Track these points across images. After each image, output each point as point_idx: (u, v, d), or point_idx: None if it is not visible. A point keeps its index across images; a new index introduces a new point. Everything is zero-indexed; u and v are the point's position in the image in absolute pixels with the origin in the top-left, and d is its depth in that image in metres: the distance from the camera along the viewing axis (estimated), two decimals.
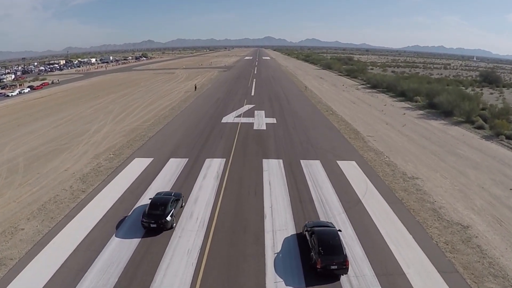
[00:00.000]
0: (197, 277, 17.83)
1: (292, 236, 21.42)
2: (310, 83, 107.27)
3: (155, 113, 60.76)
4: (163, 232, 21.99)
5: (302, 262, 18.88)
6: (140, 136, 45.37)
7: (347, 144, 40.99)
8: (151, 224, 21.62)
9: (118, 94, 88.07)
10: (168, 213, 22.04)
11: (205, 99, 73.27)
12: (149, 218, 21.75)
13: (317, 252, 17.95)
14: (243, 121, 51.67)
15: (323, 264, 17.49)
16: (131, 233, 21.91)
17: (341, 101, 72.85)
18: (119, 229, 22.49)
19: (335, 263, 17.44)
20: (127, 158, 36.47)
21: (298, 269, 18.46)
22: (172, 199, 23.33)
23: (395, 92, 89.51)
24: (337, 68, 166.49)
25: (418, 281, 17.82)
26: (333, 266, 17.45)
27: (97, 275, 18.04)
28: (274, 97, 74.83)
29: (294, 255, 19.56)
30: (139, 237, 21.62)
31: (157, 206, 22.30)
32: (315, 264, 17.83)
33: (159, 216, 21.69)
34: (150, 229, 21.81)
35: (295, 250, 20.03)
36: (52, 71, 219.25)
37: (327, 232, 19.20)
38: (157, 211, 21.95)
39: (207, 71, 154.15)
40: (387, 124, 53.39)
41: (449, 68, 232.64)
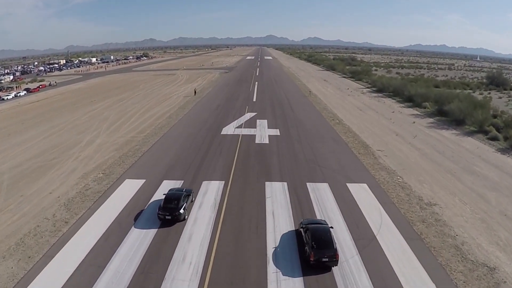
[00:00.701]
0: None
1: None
2: (313, 86, 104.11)
3: (151, 121, 57.79)
4: (176, 223, 24.81)
5: (300, 256, 21.14)
6: (134, 150, 42.41)
7: (357, 162, 37.91)
8: (166, 216, 24.53)
9: (115, 99, 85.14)
10: (181, 207, 24.90)
11: (205, 106, 70.21)
12: (164, 211, 24.61)
13: (310, 246, 20.15)
14: (244, 133, 48.58)
15: (316, 257, 19.66)
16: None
17: (347, 108, 69.74)
18: (137, 221, 25.36)
19: (327, 256, 19.66)
20: (117, 179, 33.50)
21: (296, 261, 20.81)
22: (184, 194, 26.27)
23: (402, 97, 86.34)
24: (340, 70, 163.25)
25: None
26: (325, 259, 19.66)
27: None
28: (277, 103, 71.73)
29: (293, 250, 21.97)
30: (156, 228, 24.42)
31: (171, 200, 25.10)
32: (309, 257, 19.96)
33: (173, 209, 24.57)
34: (165, 220, 24.68)
35: (294, 245, 22.35)
36: (52, 71, 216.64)
37: (319, 229, 21.38)
38: (171, 204, 24.79)
39: (208, 73, 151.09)
40: (397, 135, 50.32)
41: (454, 69, 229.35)
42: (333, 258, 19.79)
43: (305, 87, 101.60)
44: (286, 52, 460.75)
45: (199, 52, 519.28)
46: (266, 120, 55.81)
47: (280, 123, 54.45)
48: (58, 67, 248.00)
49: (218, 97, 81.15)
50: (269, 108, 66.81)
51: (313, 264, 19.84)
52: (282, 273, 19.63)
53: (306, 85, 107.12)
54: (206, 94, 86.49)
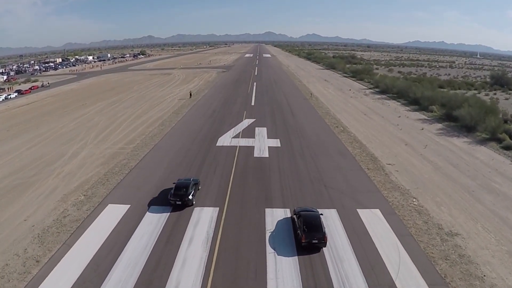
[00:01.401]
0: None
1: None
2: (314, 87, 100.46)
3: (142, 129, 54.14)
4: (186, 208, 28.07)
5: (295, 239, 23.76)
6: (121, 165, 38.79)
7: (366, 180, 34.34)
8: (177, 202, 27.77)
9: (107, 102, 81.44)
10: (189, 193, 28.14)
11: (200, 111, 66.47)
12: (175, 197, 27.87)
13: (302, 230, 22.69)
14: (242, 144, 44.88)
15: (307, 239, 22.31)
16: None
17: (350, 112, 66.16)
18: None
19: (316, 238, 22.32)
20: (99, 204, 29.91)
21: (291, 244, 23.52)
22: (192, 183, 29.39)
23: (407, 99, 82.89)
24: (341, 68, 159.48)
25: None
26: (315, 241, 22.34)
27: None
28: (276, 108, 68.02)
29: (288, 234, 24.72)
30: (168, 211, 27.69)
31: (181, 188, 28.34)
32: (301, 239, 22.55)
33: (183, 196, 27.82)
34: (176, 205, 27.86)
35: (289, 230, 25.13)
36: (47, 70, 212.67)
37: (310, 215, 23.95)
38: (181, 192, 28.01)
39: (205, 72, 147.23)
40: (406, 144, 46.84)
41: (455, 67, 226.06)
42: (322, 240, 22.63)
43: (306, 88, 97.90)
44: (285, 50, 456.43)
45: (197, 49, 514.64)
46: (265, 128, 52.12)
47: (280, 132, 50.80)
48: (54, 66, 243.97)
49: (214, 100, 77.37)
50: (269, 113, 63.15)
51: (305, 246, 22.57)
52: (277, 253, 22.54)
53: (306, 85, 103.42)
54: (202, 96, 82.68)
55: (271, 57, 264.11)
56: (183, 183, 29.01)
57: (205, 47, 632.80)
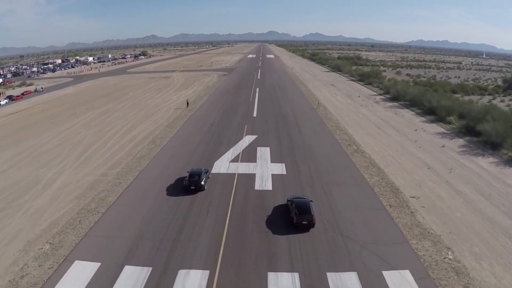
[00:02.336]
0: None
1: None
2: (321, 93, 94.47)
3: (130, 148, 48.46)
4: (198, 192, 33.14)
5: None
6: (98, 200, 33.11)
7: (390, 224, 28.42)
8: (191, 187, 32.96)
9: (99, 111, 75.93)
10: (201, 180, 33.22)
11: (196, 124, 60.59)
12: (190, 183, 33.08)
13: (294, 213, 27.17)
14: (241, 170, 38.84)
15: (298, 220, 26.76)
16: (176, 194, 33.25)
17: (362, 125, 60.23)
18: (169, 193, 33.30)
19: (306, 220, 26.70)
20: (65, 258, 24.24)
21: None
22: (203, 171, 34.56)
23: (421, 107, 77.01)
24: (347, 71, 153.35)
25: None
26: (304, 222, 26.71)
27: None
28: (281, 121, 62.00)
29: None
30: (183, 195, 32.62)
31: (194, 175, 33.52)
32: (292, 220, 26.99)
33: (196, 181, 33.04)
34: (190, 190, 32.99)
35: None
36: (45, 72, 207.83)
37: (301, 201, 28.45)
38: (195, 178, 33.19)
39: (205, 75, 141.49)
40: (428, 168, 41.01)
41: (463, 68, 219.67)
42: (310, 222, 26.48)
43: (312, 94, 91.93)
44: (288, 49, 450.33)
45: (199, 49, 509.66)
46: (268, 148, 46.12)
47: (286, 153, 44.83)
48: (53, 67, 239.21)
49: (213, 110, 71.48)
50: (272, 127, 57.23)
51: (296, 226, 26.48)
52: (272, 232, 26.55)
53: (312, 91, 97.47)
54: (200, 106, 76.78)
55: (274, 58, 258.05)
56: (196, 172, 34.36)
57: (208, 47, 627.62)
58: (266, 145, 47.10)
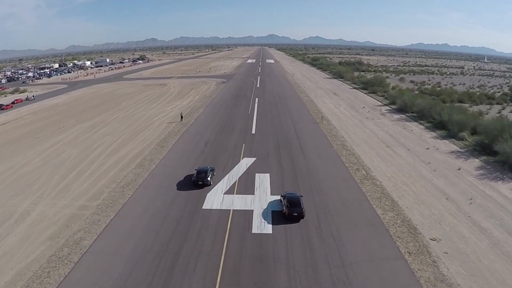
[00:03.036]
0: None
1: None
2: (324, 104, 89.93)
3: (115, 173, 43.83)
4: (205, 187, 38.05)
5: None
6: (72, 243, 28.50)
7: (411, 280, 23.79)
8: (199, 182, 37.84)
9: (88, 125, 71.38)
10: (207, 176, 38.31)
11: (189, 143, 55.60)
12: (197, 179, 38.01)
13: (286, 206, 31.22)
14: (236, 205, 33.79)
15: (288, 212, 30.71)
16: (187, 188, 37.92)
17: (370, 143, 55.68)
18: (180, 186, 38.49)
19: (296, 212, 30.62)
20: None
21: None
22: (209, 169, 39.66)
23: (430, 120, 72.62)
24: (349, 78, 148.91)
25: None
26: (295, 214, 30.61)
27: None
28: (282, 139, 56.97)
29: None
30: (192, 189, 37.42)
31: (201, 172, 38.61)
32: (285, 213, 31.08)
33: (203, 177, 38.01)
34: (198, 185, 37.89)
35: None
36: (40, 78, 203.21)
37: (292, 196, 32.35)
38: (202, 175, 38.22)
39: (203, 83, 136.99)
40: (447, 199, 36.53)
41: (466, 73, 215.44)
42: (300, 214, 30.88)
43: (314, 105, 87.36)
44: (288, 54, 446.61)
45: (199, 53, 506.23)
46: (268, 174, 41.40)
47: (288, 181, 39.89)
48: (49, 72, 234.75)
49: (208, 125, 66.66)
50: (272, 148, 52.46)
51: (288, 217, 30.82)
52: (267, 222, 30.77)
53: (314, 101, 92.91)
54: (195, 119, 71.96)
55: (274, 63, 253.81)
56: (203, 169, 39.21)
57: (207, 50, 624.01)
58: (265, 171, 42.40)
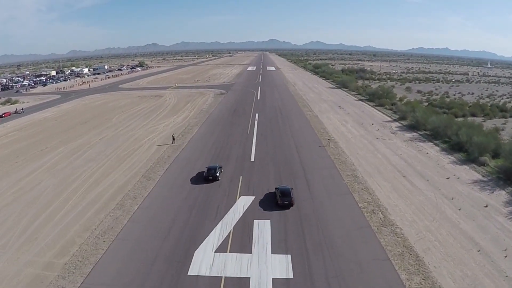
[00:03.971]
0: None
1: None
2: (329, 120, 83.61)
3: (90, 216, 37.38)
4: (214, 181, 44.91)
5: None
6: None
7: None
8: (209, 177, 45.14)
9: (72, 146, 65.22)
10: (216, 172, 45.73)
11: (179, 174, 48.07)
12: (208, 174, 45.49)
13: (278, 196, 37.89)
14: (229, 272, 26.66)
15: (280, 201, 37.24)
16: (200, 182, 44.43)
17: (383, 172, 49.38)
18: (193, 180, 45.75)
19: (286, 201, 37.08)
20: None
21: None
22: (218, 167, 47.12)
23: (445, 139, 66.56)
24: (354, 88, 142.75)
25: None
26: (285, 202, 37.04)
27: None
28: (285, 169, 49.32)
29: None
30: (203, 183, 44.45)
31: (211, 169, 46.08)
32: (277, 202, 37.73)
33: (213, 174, 45.39)
34: (208, 180, 45.03)
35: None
36: (35, 87, 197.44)
37: (283, 188, 39.11)
38: (212, 171, 45.73)
39: (201, 94, 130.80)
40: (479, 251, 30.61)
41: (472, 81, 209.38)
42: (290, 202, 37.27)
43: (319, 122, 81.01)
44: (289, 60, 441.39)
45: (199, 59, 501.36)
46: (269, 221, 34.85)
47: (292, 233, 33.04)
48: (45, 80, 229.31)
49: (202, 150, 59.71)
50: (274, 181, 45.10)
51: (280, 205, 37.25)
52: (263, 209, 37.51)
53: (319, 117, 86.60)
54: (188, 142, 64.71)
55: (275, 71, 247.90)
56: (212, 167, 46.81)
57: (208, 56, 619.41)
58: (265, 216, 35.86)
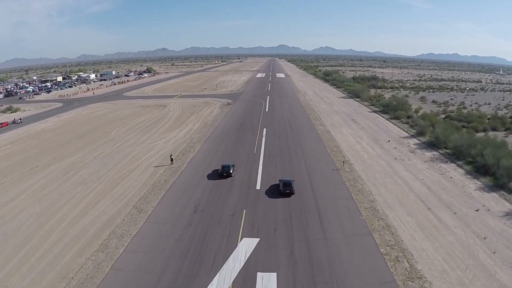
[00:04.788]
0: None
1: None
2: (342, 136, 77.80)
3: (70, 259, 32.03)
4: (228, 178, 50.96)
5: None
6: None
7: None
8: (224, 174, 51.55)
9: (65, 164, 60.43)
10: (230, 169, 52.18)
11: (175, 206, 42.20)
12: (222, 171, 51.87)
13: (281, 186, 45.42)
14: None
15: (283, 190, 44.78)
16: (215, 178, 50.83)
17: (405, 203, 43.52)
18: (209, 176, 52.46)
19: (287, 190, 44.59)
20: None
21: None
22: (231, 165, 53.58)
23: (468, 160, 60.51)
24: (367, 98, 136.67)
25: None
26: (287, 191, 44.53)
27: None
28: (295, 203, 43.40)
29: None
30: (218, 179, 50.85)
31: (225, 167, 52.45)
32: (280, 190, 45.32)
33: (227, 170, 51.76)
34: (223, 176, 51.40)
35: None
36: (39, 93, 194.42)
37: (285, 180, 46.60)
38: (226, 168, 52.08)
39: (207, 104, 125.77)
40: None
41: (487, 89, 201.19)
42: (291, 191, 44.90)
43: (331, 138, 75.13)
44: (299, 66, 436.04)
45: (208, 65, 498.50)
46: (275, 274, 29.08)
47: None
48: (50, 86, 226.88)
49: (202, 174, 52.80)
50: (282, 216, 39.18)
51: (282, 193, 44.91)
52: (269, 196, 44.85)
53: (331, 132, 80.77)
54: (188, 163, 58.42)
55: (284, 78, 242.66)
56: (226, 165, 53.21)
57: (217, 62, 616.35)
58: (271, 267, 29.92)
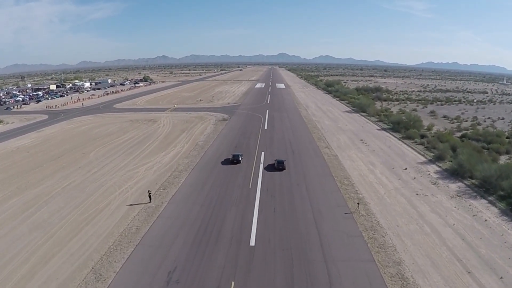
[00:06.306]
0: None
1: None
2: (352, 162, 68.13)
3: None
4: (238, 164, 64.57)
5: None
6: None
7: None
8: (234, 161, 66.76)
9: (28, 197, 51.11)
10: (239, 157, 67.49)
11: (142, 274, 32.54)
12: (233, 159, 67.18)
13: (275, 163, 64.17)
14: None
15: (277, 166, 63.46)
16: (227, 164, 65.01)
17: (438, 262, 34.17)
18: (223, 163, 66.65)
19: (280, 166, 63.22)
20: None
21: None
22: (240, 154, 68.92)
23: (499, 192, 51.46)
24: (373, 112, 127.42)
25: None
26: (281, 167, 63.10)
27: None
28: (298, 267, 33.96)
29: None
30: (229, 164, 65.56)
31: (235, 156, 67.91)
32: (274, 165, 64.19)
33: (237, 158, 67.03)
34: (233, 163, 66.53)
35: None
36: (27, 103, 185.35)
37: (279, 159, 65.21)
38: (236, 157, 67.43)
39: (200, 120, 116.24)
40: None
41: (495, 101, 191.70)
42: (283, 166, 63.07)
43: (340, 166, 65.11)
44: (299, 75, 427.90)
45: (206, 73, 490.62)
46: None
47: None
48: (41, 95, 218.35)
49: (184, 221, 42.91)
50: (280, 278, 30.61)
51: (276, 168, 62.89)
52: (266, 170, 61.84)
53: (339, 157, 70.94)
54: (168, 203, 48.42)
55: (285, 89, 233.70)
56: (236, 154, 68.25)
57: (216, 70, 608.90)
58: None
